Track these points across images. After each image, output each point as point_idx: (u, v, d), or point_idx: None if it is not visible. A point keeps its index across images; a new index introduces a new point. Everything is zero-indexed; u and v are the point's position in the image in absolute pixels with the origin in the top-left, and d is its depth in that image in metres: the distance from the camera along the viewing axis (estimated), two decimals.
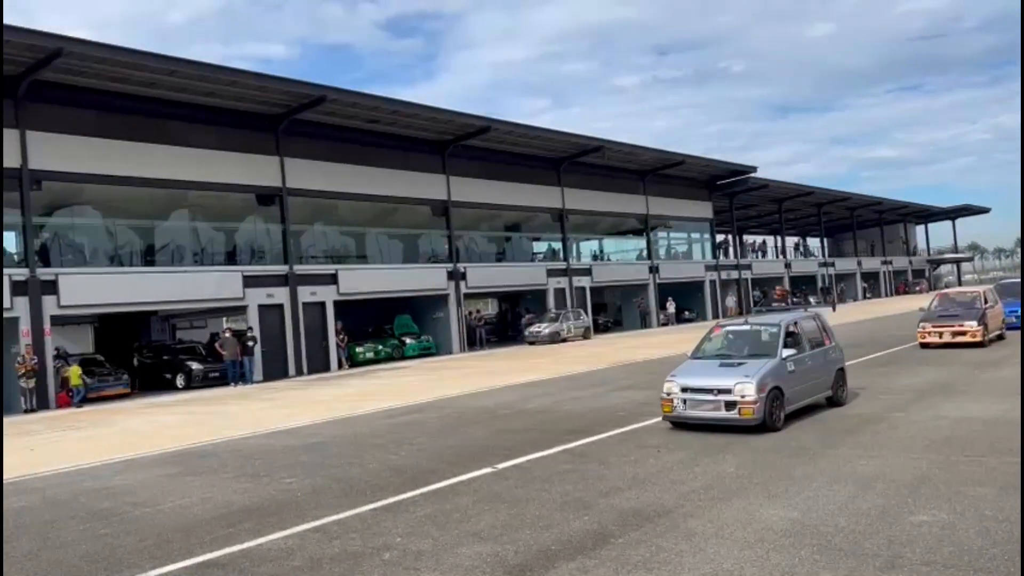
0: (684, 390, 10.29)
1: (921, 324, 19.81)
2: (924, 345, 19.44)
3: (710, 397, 10.07)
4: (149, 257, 25.73)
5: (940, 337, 19.07)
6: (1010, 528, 5.71)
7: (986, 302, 19.74)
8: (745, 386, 9.73)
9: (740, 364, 10.33)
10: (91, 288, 21.98)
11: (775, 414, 9.91)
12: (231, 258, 27.51)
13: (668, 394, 10.43)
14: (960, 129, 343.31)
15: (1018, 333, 20.25)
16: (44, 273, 21.09)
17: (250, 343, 24.47)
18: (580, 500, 7.24)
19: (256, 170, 26.08)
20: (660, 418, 10.94)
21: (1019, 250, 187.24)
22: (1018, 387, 12.45)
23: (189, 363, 24.94)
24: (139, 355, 26.61)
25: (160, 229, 26.55)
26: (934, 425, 9.82)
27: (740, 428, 9.86)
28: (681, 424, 10.45)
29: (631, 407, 13.12)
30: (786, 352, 10.47)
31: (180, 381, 24.51)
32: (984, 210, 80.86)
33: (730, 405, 9.82)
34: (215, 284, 24.88)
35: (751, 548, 5.65)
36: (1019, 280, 30.09)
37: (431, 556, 5.94)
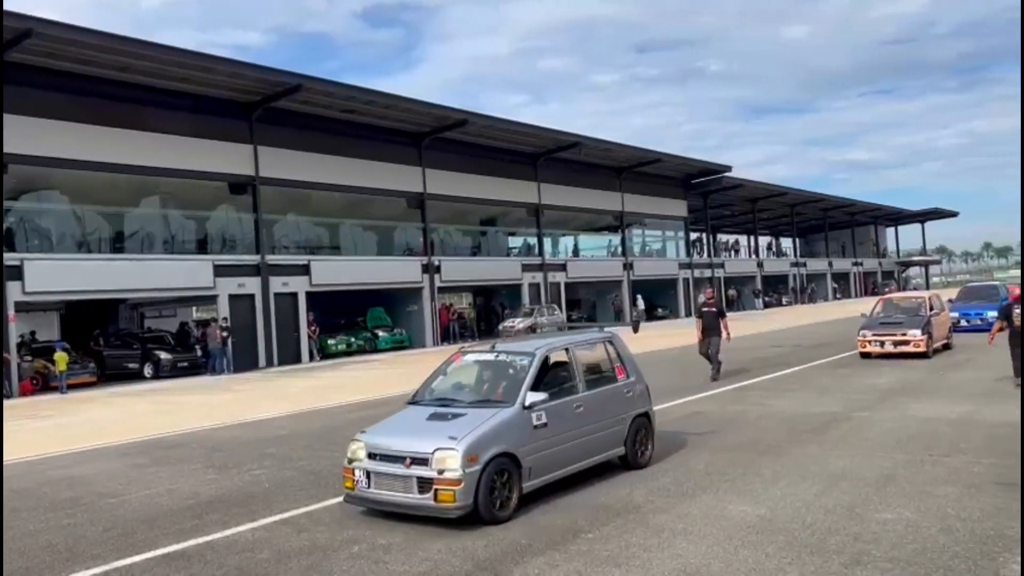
0: (372, 456, 6.75)
1: (861, 332, 18.01)
2: (864, 355, 17.75)
3: (400, 470, 6.49)
4: (118, 244, 25.36)
5: (881, 346, 17.47)
6: (972, 527, 5.80)
7: (931, 309, 18.39)
8: (447, 455, 6.31)
9: (455, 417, 6.88)
10: (58, 274, 21.61)
11: (498, 497, 6.49)
12: (202, 247, 27.20)
13: (351, 461, 6.88)
14: (932, 133, 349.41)
15: (964, 339, 20.44)
16: (9, 258, 20.68)
17: (223, 334, 24.22)
18: (551, 495, 7.23)
19: (229, 158, 25.78)
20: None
21: (985, 254, 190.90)
22: (981, 389, 12.69)
23: (158, 352, 24.63)
24: (104, 343, 26.14)
25: (130, 216, 26.17)
26: (900, 425, 9.95)
27: (442, 520, 6.42)
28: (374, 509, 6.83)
29: None
30: (534, 396, 6.98)
31: (148, 371, 24.20)
32: (953, 214, 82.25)
33: (424, 484, 6.33)
34: (185, 273, 24.59)
35: (719, 544, 5.69)
36: (985, 284, 30.70)
37: (400, 549, 5.91)
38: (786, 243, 71.53)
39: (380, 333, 31.14)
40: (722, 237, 62.36)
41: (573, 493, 7.30)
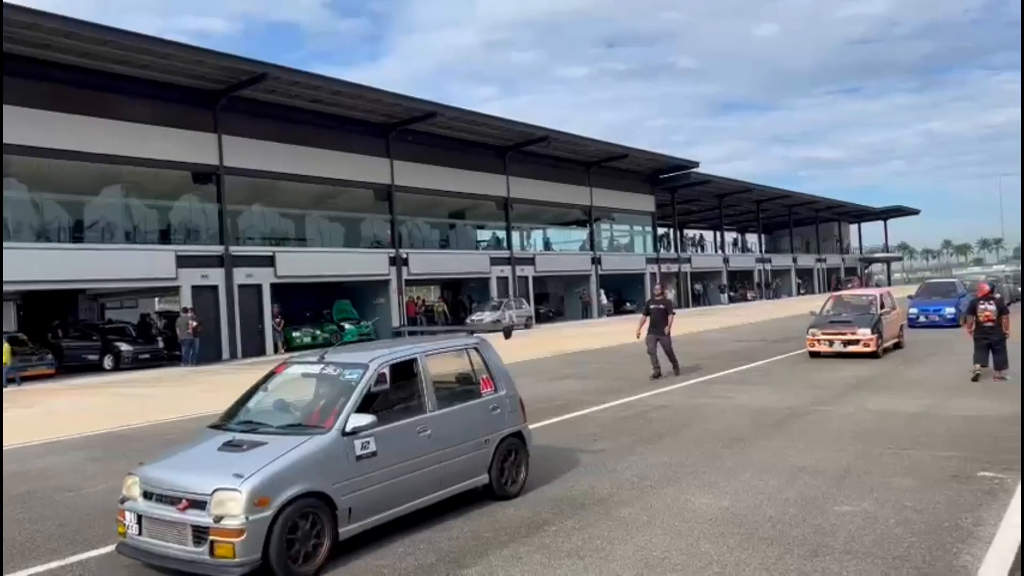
0: (147, 495, 5.43)
1: (810, 330, 17.37)
2: (814, 354, 17.11)
3: (174, 514, 5.21)
4: (78, 234, 24.86)
5: (830, 345, 16.83)
6: (928, 518, 5.91)
7: (882, 307, 17.67)
8: (226, 497, 5.08)
9: (253, 447, 5.57)
10: (15, 264, 21.06)
11: (300, 549, 5.29)
12: (164, 237, 26.79)
13: (123, 500, 5.56)
14: (893, 133, 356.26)
15: (923, 335, 20.82)
16: None
17: (195, 324, 23.86)
18: None
19: (193, 147, 25.37)
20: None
21: (945, 251, 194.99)
22: (939, 383, 12.95)
23: (118, 344, 24.20)
24: (62, 334, 25.65)
25: (90, 205, 25.67)
26: (860, 419, 10.11)
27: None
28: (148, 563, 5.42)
29: (569, 396, 13.20)
30: (358, 420, 5.72)
31: (108, 362, 23.78)
32: (914, 211, 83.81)
33: (200, 534, 5.08)
34: (147, 263, 24.19)
35: (681, 536, 5.74)
36: (943, 281, 31.34)
37: (362, 539, 5.86)
38: (752, 239, 72.29)
39: (346, 326, 30.91)
40: (688, 233, 62.90)
41: (538, 486, 7.30)
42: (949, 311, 23.51)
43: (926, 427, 9.36)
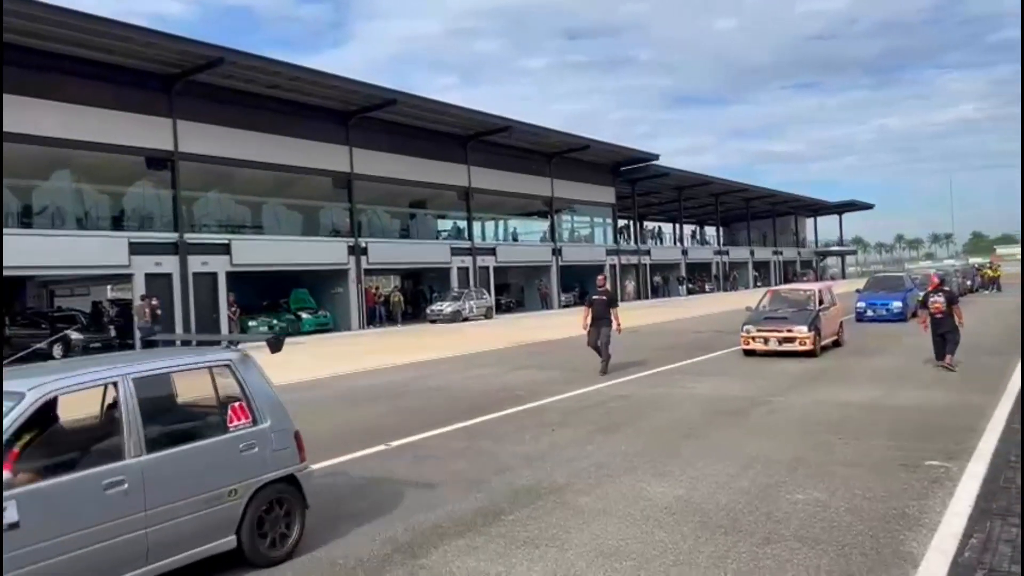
0: None
1: (745, 327, 16.38)
2: (748, 352, 16.16)
3: None
4: (26, 219, 24.17)
5: (766, 343, 15.86)
6: (877, 506, 6.04)
7: (821, 302, 16.77)
8: None
9: None
10: None
11: None
12: (117, 223, 26.19)
13: None
14: (849, 129, 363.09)
15: (870, 328, 21.24)
16: None
17: (158, 311, 23.31)
18: (473, 478, 7.24)
19: (147, 132, 24.82)
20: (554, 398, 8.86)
21: (898, 245, 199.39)
22: (889, 375, 13.25)
23: (68, 332, 23.61)
24: (9, 322, 24.96)
25: (39, 190, 24.97)
26: (813, 409, 10.29)
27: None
28: None
29: (529, 386, 13.22)
30: None
31: (58, 352, 23.18)
32: (868, 206, 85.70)
33: None
34: (99, 250, 23.62)
35: (636, 525, 5.78)
36: (891, 275, 32.07)
37: (317, 532, 5.80)
38: (710, 231, 73.16)
39: (304, 315, 30.58)
40: (648, 225, 63.46)
41: (494, 476, 7.30)
42: (896, 305, 23.82)
43: (876, 417, 9.56)
